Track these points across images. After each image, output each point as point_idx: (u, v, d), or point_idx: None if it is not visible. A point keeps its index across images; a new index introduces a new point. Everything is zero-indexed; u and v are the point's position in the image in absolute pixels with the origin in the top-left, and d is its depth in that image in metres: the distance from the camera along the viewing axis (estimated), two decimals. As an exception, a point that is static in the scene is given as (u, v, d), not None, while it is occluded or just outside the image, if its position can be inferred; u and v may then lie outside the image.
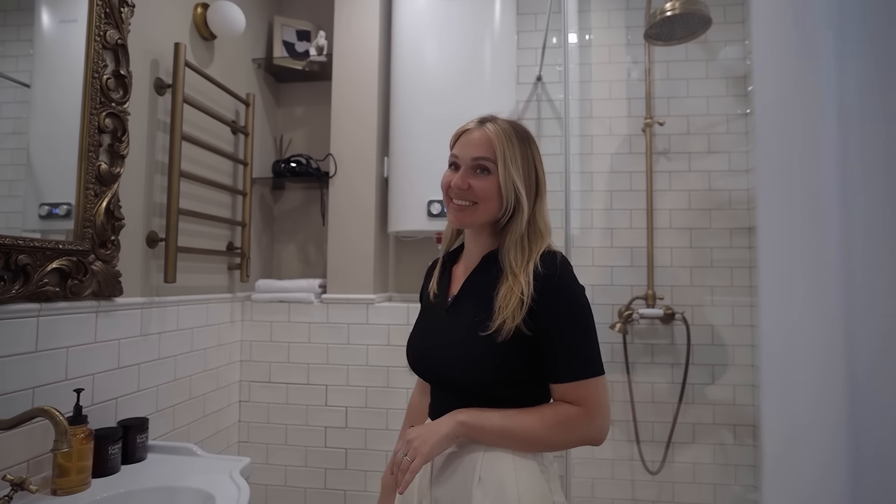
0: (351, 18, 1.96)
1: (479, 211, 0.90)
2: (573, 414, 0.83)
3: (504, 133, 0.90)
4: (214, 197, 1.76)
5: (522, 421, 0.83)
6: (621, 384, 2.07)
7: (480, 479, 0.83)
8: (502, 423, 0.83)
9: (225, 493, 1.07)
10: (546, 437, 0.83)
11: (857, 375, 0.33)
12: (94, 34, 1.22)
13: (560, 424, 0.83)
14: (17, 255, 1.03)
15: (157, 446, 1.33)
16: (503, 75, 1.92)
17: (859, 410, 0.32)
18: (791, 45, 0.40)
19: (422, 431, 0.84)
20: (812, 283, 0.36)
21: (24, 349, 1.06)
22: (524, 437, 0.83)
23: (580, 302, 0.87)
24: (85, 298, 1.21)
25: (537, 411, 0.85)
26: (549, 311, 0.84)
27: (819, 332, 0.36)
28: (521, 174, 0.89)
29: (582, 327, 0.86)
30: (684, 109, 2.11)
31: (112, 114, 1.27)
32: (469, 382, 0.87)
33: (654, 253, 2.06)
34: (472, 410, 0.85)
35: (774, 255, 0.36)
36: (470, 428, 0.84)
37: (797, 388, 0.34)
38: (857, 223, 0.35)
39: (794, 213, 0.37)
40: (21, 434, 1.04)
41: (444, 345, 0.92)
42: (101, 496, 1.05)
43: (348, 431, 1.82)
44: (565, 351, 0.84)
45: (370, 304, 1.85)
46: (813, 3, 0.39)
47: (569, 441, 0.86)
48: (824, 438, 0.34)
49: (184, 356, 1.58)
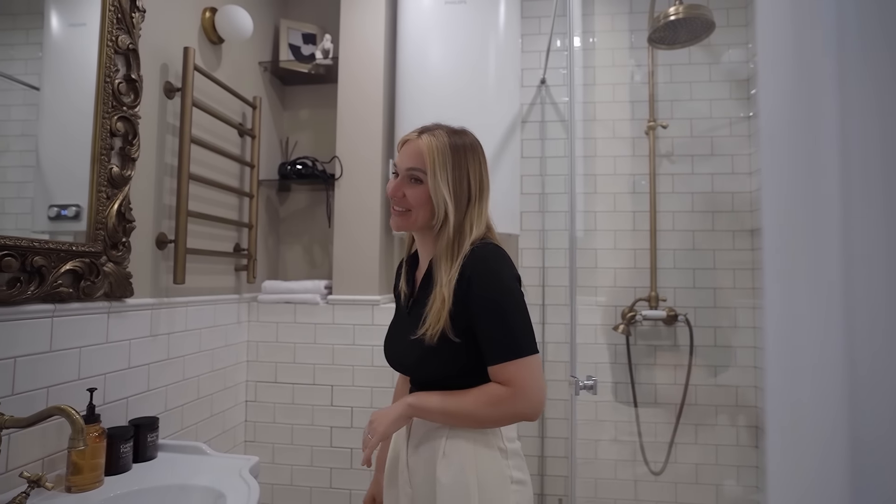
0: (356, 22, 1.98)
1: (413, 217, 0.98)
2: (501, 393, 0.89)
3: (437, 145, 0.95)
4: (222, 199, 1.78)
5: (458, 402, 0.93)
6: (624, 385, 2.08)
7: (444, 454, 0.94)
8: (441, 405, 0.93)
9: (236, 491, 1.09)
10: (479, 414, 0.91)
11: (857, 369, 0.34)
12: (106, 39, 1.24)
13: (489, 404, 0.90)
14: (32, 257, 1.05)
15: (167, 445, 1.34)
16: (507, 79, 1.94)
17: (859, 402, 0.34)
18: (794, 48, 0.41)
19: (380, 414, 0.97)
20: (814, 280, 0.38)
21: (39, 349, 1.07)
22: (460, 415, 0.92)
23: (503, 291, 0.91)
24: (97, 299, 1.23)
25: (471, 392, 0.93)
26: (475, 303, 0.90)
27: (820, 327, 0.37)
28: (449, 185, 0.95)
29: (501, 313, 0.90)
30: (687, 112, 2.12)
31: (123, 117, 1.29)
32: (422, 376, 0.99)
33: (657, 255, 2.08)
34: (419, 394, 0.97)
35: (778, 254, 0.38)
36: (417, 409, 0.95)
37: (800, 379, 0.36)
38: (856, 223, 0.36)
39: (798, 213, 0.39)
40: (36, 432, 1.06)
41: (403, 344, 1.01)
42: (114, 493, 1.07)
43: (354, 431, 1.84)
44: (488, 336, 0.91)
45: (375, 306, 1.87)
46: (815, 7, 0.40)
47: (502, 418, 0.92)
48: (825, 427, 0.35)
49: (192, 356, 1.60)
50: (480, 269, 0.91)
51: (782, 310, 0.37)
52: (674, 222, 2.11)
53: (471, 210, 0.97)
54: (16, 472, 1.00)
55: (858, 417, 0.35)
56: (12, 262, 1.00)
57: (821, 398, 0.37)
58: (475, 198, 0.98)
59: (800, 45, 0.41)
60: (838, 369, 0.35)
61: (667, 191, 2.11)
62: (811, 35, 0.41)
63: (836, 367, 0.37)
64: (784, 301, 0.38)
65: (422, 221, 0.98)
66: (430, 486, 0.94)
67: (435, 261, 0.97)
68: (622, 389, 2.08)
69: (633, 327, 2.07)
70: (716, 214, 2.08)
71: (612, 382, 2.09)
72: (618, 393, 2.09)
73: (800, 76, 0.41)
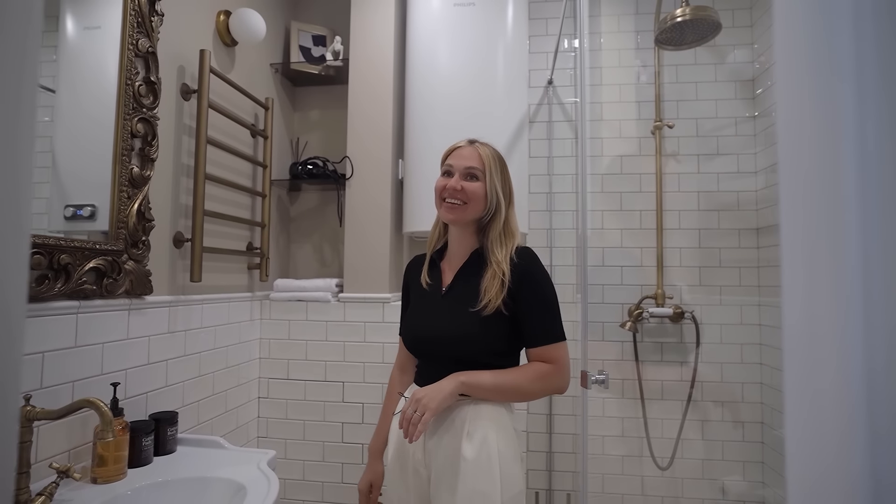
0: (366, 24, 2.01)
1: (468, 209, 1.12)
2: (548, 370, 1.08)
3: (490, 152, 1.16)
4: (235, 198, 1.81)
5: (510, 376, 1.07)
6: (631, 381, 2.11)
7: (468, 434, 1.04)
8: (495, 380, 1.06)
9: (255, 483, 1.12)
10: (529, 388, 1.08)
11: (874, 363, 0.36)
12: (127, 43, 1.27)
13: (539, 378, 1.07)
14: (59, 255, 1.08)
15: (186, 439, 1.38)
16: (515, 79, 1.96)
17: (875, 396, 0.36)
18: (811, 43, 0.42)
19: (428, 391, 1.03)
20: (833, 274, 0.39)
21: (65, 344, 1.11)
22: (512, 390, 1.07)
23: (549, 285, 1.12)
24: (119, 296, 1.26)
25: (520, 369, 1.10)
26: (527, 292, 1.08)
27: (838, 322, 0.39)
28: (500, 184, 1.14)
29: (549, 304, 1.10)
30: (693, 112, 2.14)
31: (143, 119, 1.32)
32: (463, 351, 1.08)
33: (663, 253, 2.10)
34: (468, 372, 1.06)
35: (796, 250, 0.40)
36: (469, 386, 1.05)
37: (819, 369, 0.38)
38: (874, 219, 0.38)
39: (815, 210, 0.40)
40: (63, 425, 1.09)
41: (443, 323, 1.12)
42: (138, 485, 1.10)
43: (365, 427, 1.86)
44: (538, 323, 1.09)
45: (386, 303, 1.89)
46: (832, 4, 0.41)
47: (545, 390, 1.10)
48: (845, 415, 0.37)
49: (207, 353, 1.63)
50: (532, 267, 1.10)
51: (801, 303, 0.39)
52: (680, 221, 2.13)
53: (511, 209, 1.17)
54: (45, 462, 1.03)
55: (876, 407, 0.37)
56: (41, 259, 1.03)
57: (840, 388, 0.38)
58: (513, 201, 1.18)
59: (815, 39, 0.42)
60: (858, 360, 0.37)
61: (673, 190, 2.13)
62: (827, 30, 0.42)
63: (855, 357, 0.38)
64: (803, 295, 0.40)
65: (473, 214, 1.13)
66: (452, 463, 1.04)
67: (488, 246, 1.13)
68: (629, 386, 2.11)
69: (639, 324, 2.09)
70: (721, 213, 2.10)
71: (619, 379, 2.11)
72: (625, 389, 2.11)
73: (816, 70, 0.42)
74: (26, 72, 0.32)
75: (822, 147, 0.40)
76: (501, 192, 1.14)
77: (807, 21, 0.42)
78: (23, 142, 0.32)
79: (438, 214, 1.19)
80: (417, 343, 1.18)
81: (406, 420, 1.00)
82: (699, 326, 2.04)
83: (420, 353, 1.19)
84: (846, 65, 0.40)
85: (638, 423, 2.09)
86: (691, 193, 2.13)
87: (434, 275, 1.21)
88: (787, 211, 0.39)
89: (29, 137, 0.32)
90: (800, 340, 0.39)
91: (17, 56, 0.31)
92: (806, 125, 0.41)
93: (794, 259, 0.40)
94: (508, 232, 1.14)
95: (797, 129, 0.42)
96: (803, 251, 0.40)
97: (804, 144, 0.41)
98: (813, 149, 0.40)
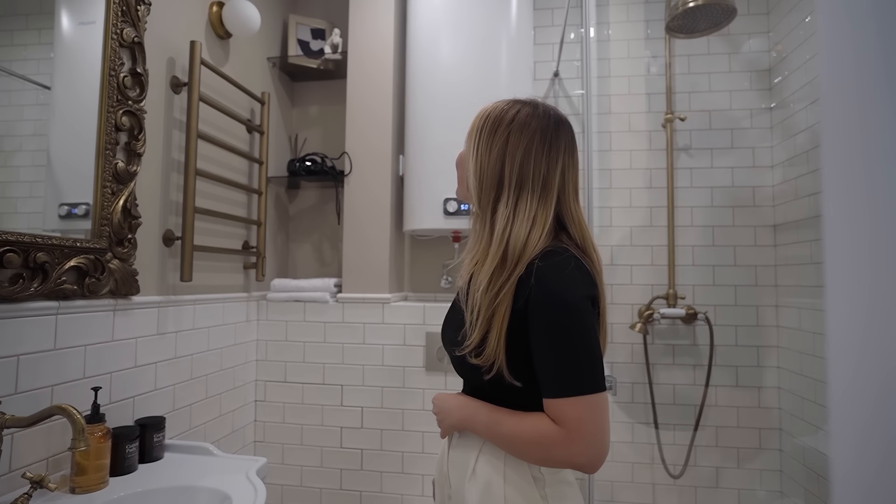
0: (366, 16, 1.95)
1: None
2: (550, 434, 0.74)
3: (477, 118, 0.93)
4: (230, 196, 1.76)
5: (505, 429, 0.80)
6: (642, 385, 2.02)
7: (473, 472, 0.84)
8: (488, 428, 0.82)
9: (242, 493, 1.06)
10: (521, 451, 0.79)
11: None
12: (111, 32, 1.22)
13: (536, 442, 0.76)
14: (35, 253, 1.02)
15: (174, 445, 1.32)
16: (520, 72, 1.89)
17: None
18: (854, 43, 0.39)
19: (442, 408, 0.92)
20: (876, 274, 0.34)
21: (44, 347, 1.05)
22: (507, 445, 0.81)
23: (563, 315, 0.75)
24: (102, 297, 1.20)
25: (522, 421, 0.79)
26: (532, 321, 0.77)
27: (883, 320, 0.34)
28: (487, 159, 0.92)
29: (564, 342, 0.74)
30: (706, 104, 2.06)
31: (129, 112, 1.27)
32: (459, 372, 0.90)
33: (675, 251, 2.02)
34: (469, 406, 0.86)
35: (840, 248, 0.34)
36: (467, 425, 0.87)
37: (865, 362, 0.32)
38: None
39: (858, 207, 0.36)
40: (40, 432, 1.04)
41: (444, 338, 0.95)
42: (118, 495, 1.04)
43: (364, 432, 1.80)
44: (545, 364, 0.76)
45: (386, 304, 1.83)
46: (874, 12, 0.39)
47: (547, 460, 0.79)
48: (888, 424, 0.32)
49: (200, 355, 1.57)
50: (544, 287, 0.78)
51: (846, 301, 0.33)
52: (692, 218, 2.04)
53: (524, 198, 0.91)
54: (19, 472, 0.98)
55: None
56: (14, 258, 0.98)
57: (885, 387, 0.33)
58: (527, 186, 0.87)
59: (860, 39, 0.39)
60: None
61: (685, 185, 2.05)
62: (871, 28, 0.39)
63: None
64: (847, 293, 0.34)
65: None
66: (461, 498, 0.87)
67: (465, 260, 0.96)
68: (639, 390, 2.02)
69: (650, 326, 2.01)
70: (736, 209, 2.02)
71: (629, 382, 2.03)
72: (635, 393, 2.03)
73: (859, 71, 0.39)
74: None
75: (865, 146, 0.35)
76: (488, 172, 0.84)
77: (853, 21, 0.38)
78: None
79: None
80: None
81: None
82: (713, 328, 1.95)
83: None
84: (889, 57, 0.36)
85: (649, 428, 2.01)
86: (704, 189, 2.04)
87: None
88: (830, 209, 0.34)
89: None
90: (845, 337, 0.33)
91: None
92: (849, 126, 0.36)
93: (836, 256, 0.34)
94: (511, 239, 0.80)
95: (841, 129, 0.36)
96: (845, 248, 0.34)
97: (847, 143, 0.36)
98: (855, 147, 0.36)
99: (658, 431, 1.98)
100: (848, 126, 0.37)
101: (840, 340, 0.33)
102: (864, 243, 0.34)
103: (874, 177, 0.34)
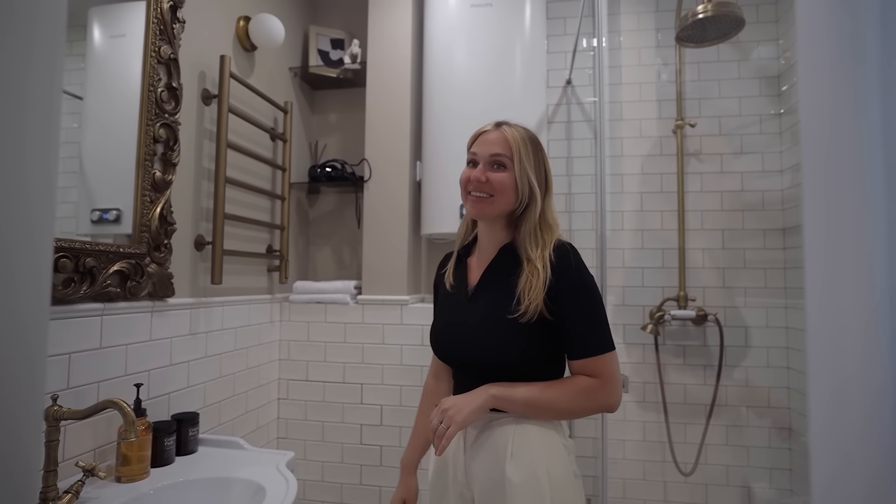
0: (384, 27, 2.01)
1: (496, 202, 0.99)
2: (592, 385, 0.93)
3: (518, 135, 1.00)
4: (255, 202, 1.83)
5: (547, 392, 0.94)
6: (653, 385, 2.07)
7: (512, 454, 0.93)
8: (529, 395, 0.93)
9: (274, 484, 1.13)
10: (569, 405, 0.94)
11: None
12: (149, 50, 1.30)
13: (581, 394, 0.94)
14: (84, 258, 1.10)
15: (207, 440, 1.39)
16: (533, 80, 1.95)
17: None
18: (835, 39, 0.41)
19: (456, 401, 0.93)
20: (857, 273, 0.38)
21: (91, 346, 1.13)
22: (549, 407, 0.94)
23: (591, 287, 0.97)
24: (142, 299, 1.28)
25: (560, 384, 0.96)
26: (566, 296, 0.94)
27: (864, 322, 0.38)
28: (533, 171, 1.00)
29: (595, 310, 0.96)
30: (716, 110, 2.10)
31: (165, 124, 1.34)
32: (495, 362, 0.96)
33: (685, 254, 2.06)
34: (501, 384, 0.95)
35: (820, 251, 0.39)
36: (501, 400, 0.94)
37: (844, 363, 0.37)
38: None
39: (841, 209, 0.39)
40: (88, 425, 1.11)
41: (470, 330, 1.00)
42: (161, 484, 1.11)
43: (383, 429, 1.87)
44: (582, 331, 0.95)
45: (404, 305, 1.89)
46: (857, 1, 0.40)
47: (589, 408, 0.96)
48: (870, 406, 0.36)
49: (228, 354, 1.65)
50: (572, 265, 0.96)
51: (825, 303, 0.38)
52: (702, 221, 2.08)
53: (548, 199, 1.03)
54: (72, 461, 1.05)
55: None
56: (67, 263, 1.05)
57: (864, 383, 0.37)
58: (551, 189, 1.04)
59: (840, 36, 0.42)
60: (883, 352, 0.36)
61: (695, 189, 2.09)
62: (852, 26, 0.41)
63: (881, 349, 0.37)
64: (826, 294, 0.39)
65: (502, 207, 1.00)
66: (497, 486, 0.93)
67: (520, 244, 1.00)
68: (650, 389, 2.07)
69: (661, 327, 2.05)
70: (746, 213, 2.05)
71: (641, 382, 2.07)
72: (646, 393, 2.07)
73: (840, 68, 0.42)
74: (54, 81, 0.32)
75: (846, 141, 0.39)
76: (535, 179, 0.99)
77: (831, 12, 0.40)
78: (49, 148, 0.32)
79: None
80: (441, 351, 1.09)
81: (432, 431, 0.92)
82: (723, 329, 1.99)
83: (450, 362, 1.09)
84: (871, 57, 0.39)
85: (660, 427, 2.05)
86: (714, 193, 2.08)
87: (459, 274, 1.09)
88: (811, 207, 0.38)
89: (54, 144, 0.32)
90: (824, 334, 0.37)
91: (46, 66, 0.31)
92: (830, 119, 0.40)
93: (817, 254, 0.39)
94: (545, 225, 1.00)
95: (821, 123, 0.40)
96: (827, 247, 0.38)
97: (828, 140, 0.39)
98: (837, 143, 0.39)
99: (669, 430, 2.03)
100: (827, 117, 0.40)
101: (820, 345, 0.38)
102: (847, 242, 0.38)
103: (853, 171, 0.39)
